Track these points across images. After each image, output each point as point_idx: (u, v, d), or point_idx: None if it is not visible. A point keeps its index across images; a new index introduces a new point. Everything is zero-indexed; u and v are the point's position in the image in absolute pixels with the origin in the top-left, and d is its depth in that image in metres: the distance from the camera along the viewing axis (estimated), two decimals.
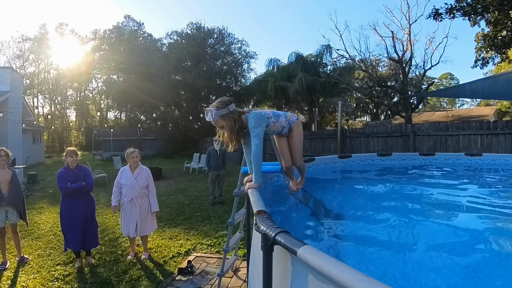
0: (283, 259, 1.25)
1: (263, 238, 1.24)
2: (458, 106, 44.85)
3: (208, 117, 2.41)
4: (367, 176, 4.79)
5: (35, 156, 22.85)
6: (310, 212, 2.92)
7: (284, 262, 1.25)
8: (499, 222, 2.57)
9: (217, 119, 2.40)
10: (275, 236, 1.16)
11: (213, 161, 8.55)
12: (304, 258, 0.97)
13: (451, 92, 15.68)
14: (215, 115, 2.37)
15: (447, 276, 1.66)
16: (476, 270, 1.73)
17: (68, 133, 50.08)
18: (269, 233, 1.20)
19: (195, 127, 30.84)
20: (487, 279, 1.63)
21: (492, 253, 1.95)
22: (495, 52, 16.94)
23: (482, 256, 1.94)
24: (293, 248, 1.04)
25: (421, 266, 1.80)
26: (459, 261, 1.84)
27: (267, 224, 1.28)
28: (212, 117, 2.38)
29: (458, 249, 2.01)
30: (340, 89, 22.32)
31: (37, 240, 5.86)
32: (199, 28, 33.50)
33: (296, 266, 1.16)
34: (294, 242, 1.07)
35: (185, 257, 4.99)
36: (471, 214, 2.74)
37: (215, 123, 2.45)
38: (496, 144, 7.52)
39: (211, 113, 2.38)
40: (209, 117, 2.40)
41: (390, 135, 9.76)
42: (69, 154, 4.62)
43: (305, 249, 1.00)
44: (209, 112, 2.39)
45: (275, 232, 1.17)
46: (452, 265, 1.79)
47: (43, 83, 47.18)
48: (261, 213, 1.49)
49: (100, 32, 44.99)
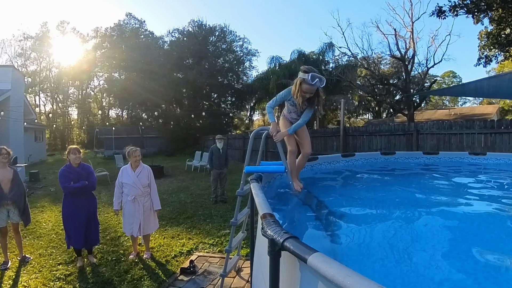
0: (291, 264, 1.21)
1: (270, 244, 1.20)
2: (460, 104, 44.68)
3: (322, 82, 2.58)
4: (371, 175, 4.74)
5: (37, 154, 22.86)
6: (313, 213, 2.88)
7: (292, 268, 1.21)
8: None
9: (318, 88, 2.66)
10: (283, 242, 1.11)
11: (216, 159, 8.52)
12: (315, 266, 0.92)
13: (455, 90, 15.58)
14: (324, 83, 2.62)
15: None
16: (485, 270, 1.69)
17: (70, 131, 50.12)
18: (277, 238, 1.15)
19: (197, 125, 30.84)
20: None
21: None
22: (499, 50, 16.83)
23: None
24: (303, 255, 0.99)
25: (427, 269, 1.76)
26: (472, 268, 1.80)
27: (275, 229, 1.23)
28: (323, 84, 2.61)
29: (470, 256, 1.97)
30: (342, 87, 22.23)
31: (38, 239, 5.84)
32: (200, 25, 33.51)
33: (305, 273, 1.12)
34: (303, 249, 1.03)
35: (187, 257, 4.96)
36: (479, 213, 2.70)
37: (312, 89, 2.63)
38: (500, 143, 7.46)
39: (323, 81, 2.60)
40: (322, 82, 2.59)
41: (393, 133, 9.69)
42: (72, 152, 4.58)
43: (316, 256, 0.95)
44: (323, 80, 2.60)
45: (283, 238, 1.13)
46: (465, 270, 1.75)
47: (44, 81, 47.23)
48: (267, 216, 1.44)
49: (101, 30, 44.95)
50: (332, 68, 23.13)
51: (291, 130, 2.88)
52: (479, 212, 2.78)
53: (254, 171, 2.86)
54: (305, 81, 2.57)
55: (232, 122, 36.73)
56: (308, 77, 2.53)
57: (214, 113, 31.78)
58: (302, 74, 2.58)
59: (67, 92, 49.45)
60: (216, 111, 32.42)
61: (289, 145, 2.95)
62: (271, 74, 22.70)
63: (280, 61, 23.86)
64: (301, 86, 2.61)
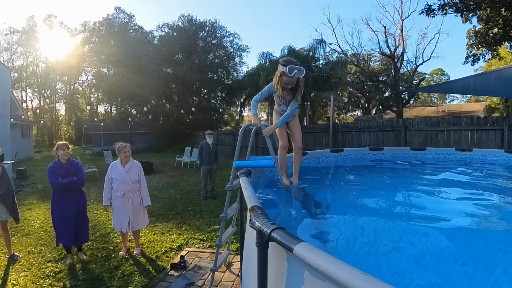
0: (279, 255, 1.24)
1: (258, 235, 1.22)
2: (448, 101, 45.28)
3: (301, 72, 2.66)
4: (359, 170, 4.81)
5: (24, 151, 22.49)
6: (302, 206, 2.92)
7: (279, 259, 1.24)
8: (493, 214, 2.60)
9: (298, 78, 2.71)
10: (270, 233, 1.14)
11: (205, 155, 8.50)
12: (301, 255, 0.96)
13: (442, 87, 15.80)
14: (304, 73, 2.70)
15: (440, 272, 1.67)
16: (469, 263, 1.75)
17: (58, 127, 49.41)
18: (264, 229, 1.18)
19: (187, 121, 30.68)
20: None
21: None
22: (486, 49, 17.06)
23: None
24: (289, 245, 1.02)
25: (414, 261, 1.81)
26: (456, 259, 1.86)
27: (262, 220, 1.26)
28: (303, 74, 2.68)
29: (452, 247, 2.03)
30: (332, 84, 22.30)
31: (27, 237, 5.77)
32: (190, 20, 33.25)
33: (292, 263, 1.15)
34: (290, 239, 1.06)
35: (177, 252, 4.97)
36: (462, 208, 2.77)
37: (293, 81, 2.71)
38: (486, 139, 7.63)
39: (302, 72, 2.68)
40: (302, 72, 2.67)
41: (382, 129, 9.82)
42: (60, 148, 4.53)
43: (302, 246, 0.99)
44: (303, 70, 2.68)
45: (270, 229, 1.16)
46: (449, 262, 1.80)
47: (31, 76, 46.27)
48: (255, 209, 1.47)
49: (89, 24, 44.05)
50: (322, 65, 23.18)
51: (279, 122, 2.90)
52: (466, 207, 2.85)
53: (243, 166, 2.88)
54: (284, 74, 2.65)
55: (222, 118, 36.63)
56: (286, 70, 2.61)
57: (204, 109, 31.66)
58: (281, 67, 2.66)
59: (55, 87, 48.59)
60: (206, 107, 32.31)
61: (281, 140, 2.97)
62: (262, 70, 22.64)
63: (270, 57, 23.80)
64: (281, 78, 2.70)
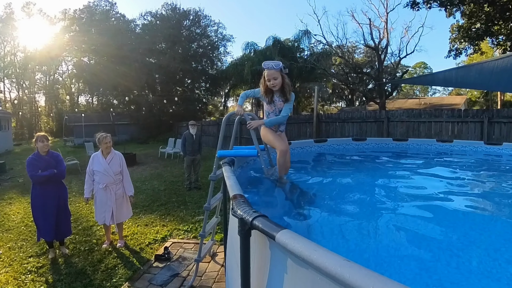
0: (261, 244, 1.23)
1: (240, 223, 1.21)
2: (430, 94, 46.17)
3: (275, 64, 2.73)
4: (343, 160, 4.85)
5: (3, 144, 21.78)
6: (285, 196, 2.93)
7: (262, 247, 1.23)
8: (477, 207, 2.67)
9: (278, 70, 2.75)
10: (252, 221, 1.13)
11: (189, 145, 8.42)
12: (283, 242, 0.95)
13: (425, 80, 16.06)
14: (281, 66, 2.74)
15: (420, 260, 1.70)
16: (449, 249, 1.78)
17: (38, 119, 48.04)
18: (246, 217, 1.17)
19: (170, 111, 30.27)
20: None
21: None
22: (468, 44, 17.42)
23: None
24: (271, 232, 1.01)
25: (394, 250, 1.84)
26: (429, 244, 1.89)
27: (244, 208, 1.24)
28: (278, 67, 2.73)
29: (430, 233, 2.07)
30: (317, 75, 22.36)
31: (7, 232, 5.62)
32: (174, 9, 32.62)
33: (274, 251, 1.14)
34: (272, 226, 1.05)
35: (161, 244, 4.94)
36: (444, 198, 2.83)
37: (273, 73, 2.74)
38: (466, 131, 7.83)
39: (278, 64, 2.73)
40: (276, 64, 2.73)
41: (365, 120, 9.94)
42: (39, 139, 4.40)
43: (284, 233, 0.97)
44: (279, 63, 2.74)
45: (252, 217, 1.14)
46: (425, 248, 1.84)
47: (9, 66, 44.54)
48: (238, 197, 1.45)
49: (70, 12, 42.41)
50: (307, 56, 23.21)
51: (268, 122, 2.90)
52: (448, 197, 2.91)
53: (226, 155, 2.87)
54: (264, 70, 2.81)
55: (206, 109, 36.31)
56: (263, 66, 2.76)
57: (187, 99, 31.30)
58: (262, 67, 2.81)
59: (34, 78, 47.00)
60: (190, 97, 31.93)
61: (280, 145, 2.86)
62: (246, 60, 22.51)
63: (255, 48, 23.66)
64: (263, 75, 2.81)
